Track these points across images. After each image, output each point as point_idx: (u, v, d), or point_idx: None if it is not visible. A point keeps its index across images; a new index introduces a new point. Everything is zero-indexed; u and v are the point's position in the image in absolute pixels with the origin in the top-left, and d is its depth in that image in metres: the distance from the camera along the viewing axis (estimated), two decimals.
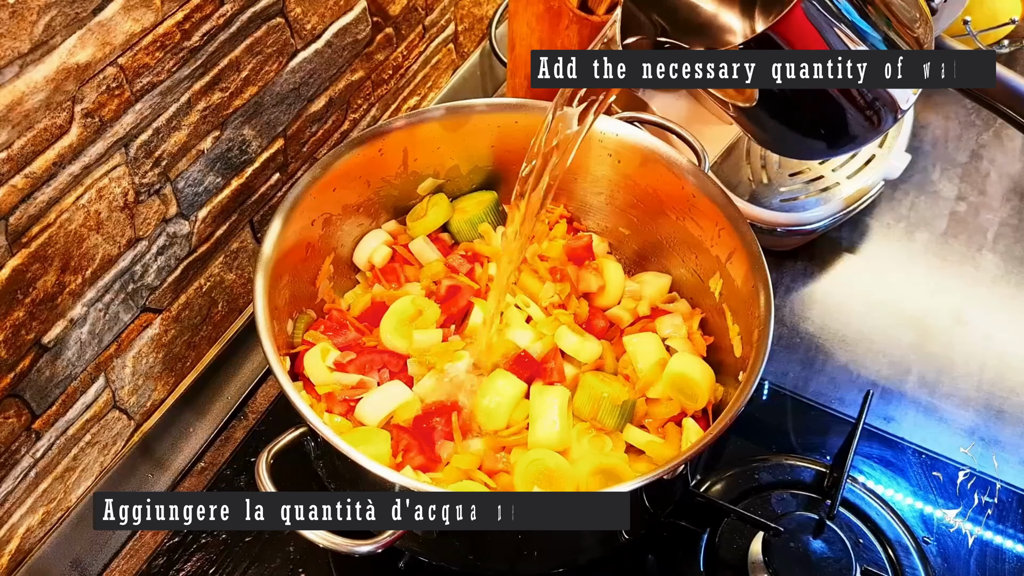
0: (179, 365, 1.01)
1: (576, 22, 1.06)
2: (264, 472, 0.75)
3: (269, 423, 1.07)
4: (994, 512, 1.02)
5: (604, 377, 0.95)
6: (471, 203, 1.08)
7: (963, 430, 1.09)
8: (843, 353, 1.16)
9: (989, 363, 1.16)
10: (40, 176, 0.74)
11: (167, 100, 0.84)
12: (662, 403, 0.94)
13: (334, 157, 0.96)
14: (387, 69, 1.17)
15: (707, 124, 1.24)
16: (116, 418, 0.94)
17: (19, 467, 0.84)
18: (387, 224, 1.07)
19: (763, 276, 0.88)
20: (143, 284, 0.91)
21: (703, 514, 0.98)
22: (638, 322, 1.02)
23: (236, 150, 0.96)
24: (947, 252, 1.27)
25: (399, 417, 0.91)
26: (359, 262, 1.05)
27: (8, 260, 0.75)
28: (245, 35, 0.90)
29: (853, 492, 1.01)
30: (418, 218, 1.07)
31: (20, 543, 0.87)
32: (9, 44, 0.67)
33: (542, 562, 0.87)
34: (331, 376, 0.93)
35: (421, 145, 1.02)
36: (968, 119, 1.43)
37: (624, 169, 1.03)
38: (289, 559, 0.96)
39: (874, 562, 0.96)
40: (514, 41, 1.15)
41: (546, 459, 0.88)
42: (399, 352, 0.97)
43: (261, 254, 0.88)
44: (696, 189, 0.97)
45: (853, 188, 1.20)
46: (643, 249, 1.08)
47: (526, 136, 1.04)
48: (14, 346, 0.78)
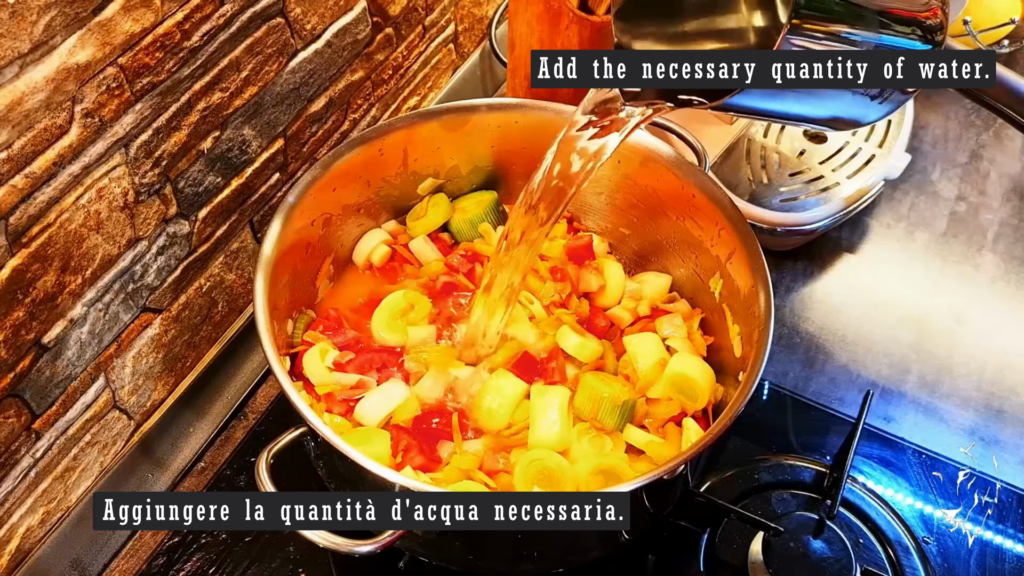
0: (179, 365, 1.01)
1: (576, 22, 1.06)
2: (264, 472, 0.75)
3: (269, 423, 1.07)
4: (994, 512, 1.02)
5: (604, 377, 0.95)
6: (471, 203, 1.08)
7: (963, 430, 1.09)
8: (843, 353, 1.16)
9: (989, 363, 1.16)
10: (40, 176, 0.74)
11: (167, 100, 0.84)
12: (662, 403, 0.94)
13: (334, 157, 0.96)
14: (387, 69, 1.17)
15: (707, 124, 1.24)
16: (116, 418, 0.94)
17: (19, 467, 0.84)
18: (387, 224, 1.07)
19: (763, 276, 0.88)
20: (143, 284, 0.91)
21: (703, 514, 0.98)
22: (638, 322, 1.02)
23: (236, 150, 0.96)
24: (947, 252, 1.27)
25: (398, 417, 0.91)
26: (358, 260, 1.05)
27: (8, 260, 0.75)
28: (245, 35, 0.90)
29: (853, 492, 1.01)
30: (418, 218, 1.07)
31: (20, 543, 0.87)
32: (9, 44, 0.67)
33: (542, 562, 0.87)
34: (330, 376, 0.93)
35: (421, 145, 1.02)
36: (968, 119, 1.43)
37: (624, 169, 1.03)
38: (289, 559, 0.96)
39: (874, 562, 0.96)
40: (514, 41, 1.15)
41: (546, 459, 0.88)
42: (390, 346, 0.97)
43: (261, 254, 0.88)
44: (696, 189, 0.97)
45: (853, 188, 1.20)
46: (643, 249, 1.08)
47: (526, 136, 1.04)
48: (14, 346, 0.78)
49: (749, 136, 1.26)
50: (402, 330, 0.97)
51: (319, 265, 1.01)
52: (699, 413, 0.94)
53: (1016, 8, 1.38)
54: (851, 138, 1.25)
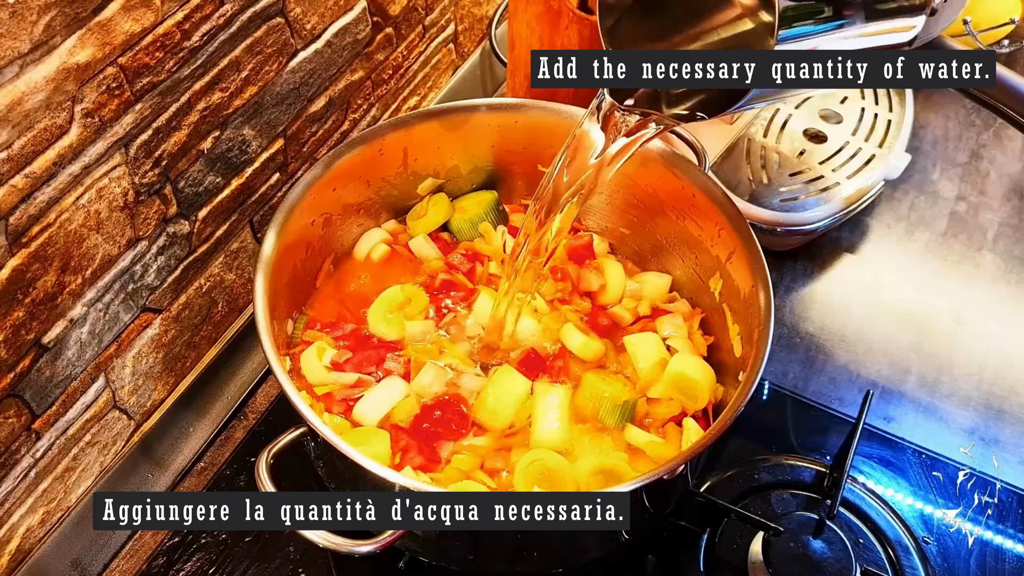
0: (179, 365, 1.01)
1: (576, 22, 1.06)
2: (264, 472, 0.75)
3: (269, 423, 1.07)
4: (994, 512, 1.02)
5: (605, 376, 0.95)
6: (471, 202, 1.08)
7: (963, 430, 1.09)
8: (843, 353, 1.16)
9: (989, 363, 1.16)
10: (40, 176, 0.74)
11: (167, 100, 0.84)
12: (662, 403, 0.94)
13: (334, 157, 0.96)
14: (387, 69, 1.17)
15: (707, 124, 1.24)
16: (116, 418, 0.94)
17: (19, 467, 0.84)
18: (387, 224, 1.07)
19: (763, 276, 0.88)
20: (143, 284, 0.91)
21: (703, 514, 0.98)
22: (638, 322, 1.02)
23: (236, 150, 0.96)
24: (947, 252, 1.27)
25: (397, 416, 0.91)
26: (358, 257, 1.05)
27: (8, 260, 0.75)
28: (245, 35, 0.90)
29: (853, 492, 1.01)
30: (418, 217, 1.07)
31: (20, 543, 0.87)
32: (9, 44, 0.67)
33: (542, 562, 0.87)
34: (328, 376, 0.93)
35: (421, 145, 1.02)
36: (968, 119, 1.43)
37: (624, 169, 1.02)
38: (289, 559, 0.96)
39: (874, 562, 0.96)
40: (514, 41, 1.15)
41: (546, 459, 0.88)
42: (387, 340, 0.97)
43: (261, 254, 0.88)
44: (696, 189, 0.97)
45: (853, 188, 1.20)
46: (643, 249, 1.08)
47: (526, 136, 1.04)
48: (14, 346, 0.78)
49: (749, 136, 1.26)
50: (399, 324, 0.98)
51: (319, 265, 1.01)
52: (699, 413, 0.94)
53: (1016, 8, 1.38)
54: (851, 138, 1.25)
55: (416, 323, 0.98)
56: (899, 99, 1.30)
